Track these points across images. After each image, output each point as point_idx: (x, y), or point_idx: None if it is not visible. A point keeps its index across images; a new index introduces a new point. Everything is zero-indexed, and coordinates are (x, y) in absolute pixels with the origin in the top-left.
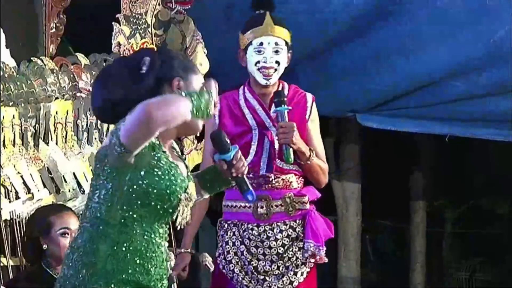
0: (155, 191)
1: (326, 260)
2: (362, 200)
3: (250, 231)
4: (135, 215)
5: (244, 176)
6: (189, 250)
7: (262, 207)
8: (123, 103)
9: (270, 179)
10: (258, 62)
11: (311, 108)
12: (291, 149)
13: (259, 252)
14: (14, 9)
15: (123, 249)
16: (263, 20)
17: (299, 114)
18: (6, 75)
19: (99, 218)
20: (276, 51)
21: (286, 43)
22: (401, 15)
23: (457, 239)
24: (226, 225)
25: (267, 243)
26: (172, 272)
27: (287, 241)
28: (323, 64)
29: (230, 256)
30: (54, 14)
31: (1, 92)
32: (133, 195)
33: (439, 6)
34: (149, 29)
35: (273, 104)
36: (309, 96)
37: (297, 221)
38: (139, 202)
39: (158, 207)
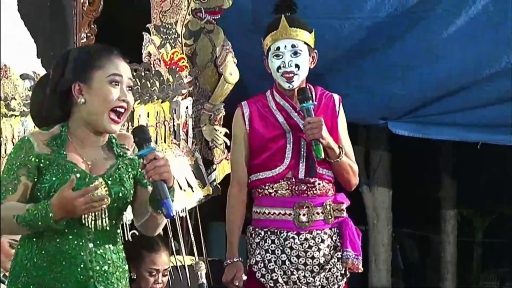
0: (47, 190)
1: (361, 269)
2: (392, 208)
3: (291, 240)
4: None
5: (161, 184)
6: (240, 259)
7: (304, 215)
8: (42, 117)
9: (314, 185)
10: (279, 67)
11: (339, 108)
12: (320, 145)
13: (300, 262)
14: (45, 19)
15: (35, 252)
16: (279, 23)
17: (329, 115)
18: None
19: None
20: (295, 53)
21: (306, 43)
22: (430, 21)
23: (487, 248)
24: (262, 233)
25: (310, 253)
26: (203, 281)
27: (327, 251)
28: (353, 71)
29: (272, 265)
30: (85, 24)
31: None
32: (37, 198)
33: (468, 12)
34: (179, 39)
35: (298, 101)
36: (336, 97)
37: (333, 229)
38: None
39: None
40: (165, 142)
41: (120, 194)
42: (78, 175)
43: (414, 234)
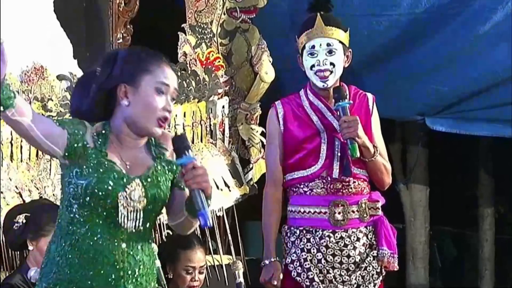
0: (84, 188)
1: (397, 267)
2: (429, 206)
3: (327, 238)
4: (78, 216)
5: (199, 193)
6: (277, 258)
7: (339, 213)
8: (81, 112)
9: (349, 184)
10: (313, 65)
11: (373, 107)
12: (356, 144)
13: (336, 260)
14: (81, 20)
15: (67, 249)
16: (314, 22)
17: (363, 114)
18: (74, 86)
19: (57, 220)
20: (330, 52)
21: (341, 42)
22: (466, 17)
23: None
24: (298, 231)
25: (346, 252)
26: (240, 280)
27: (363, 250)
28: (389, 67)
29: (308, 264)
30: (121, 24)
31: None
32: (70, 195)
33: (505, 8)
34: (215, 39)
35: (334, 100)
36: (370, 96)
37: (369, 227)
38: (76, 202)
39: (93, 204)
40: (201, 141)
41: (156, 196)
42: (115, 174)
43: (451, 232)
